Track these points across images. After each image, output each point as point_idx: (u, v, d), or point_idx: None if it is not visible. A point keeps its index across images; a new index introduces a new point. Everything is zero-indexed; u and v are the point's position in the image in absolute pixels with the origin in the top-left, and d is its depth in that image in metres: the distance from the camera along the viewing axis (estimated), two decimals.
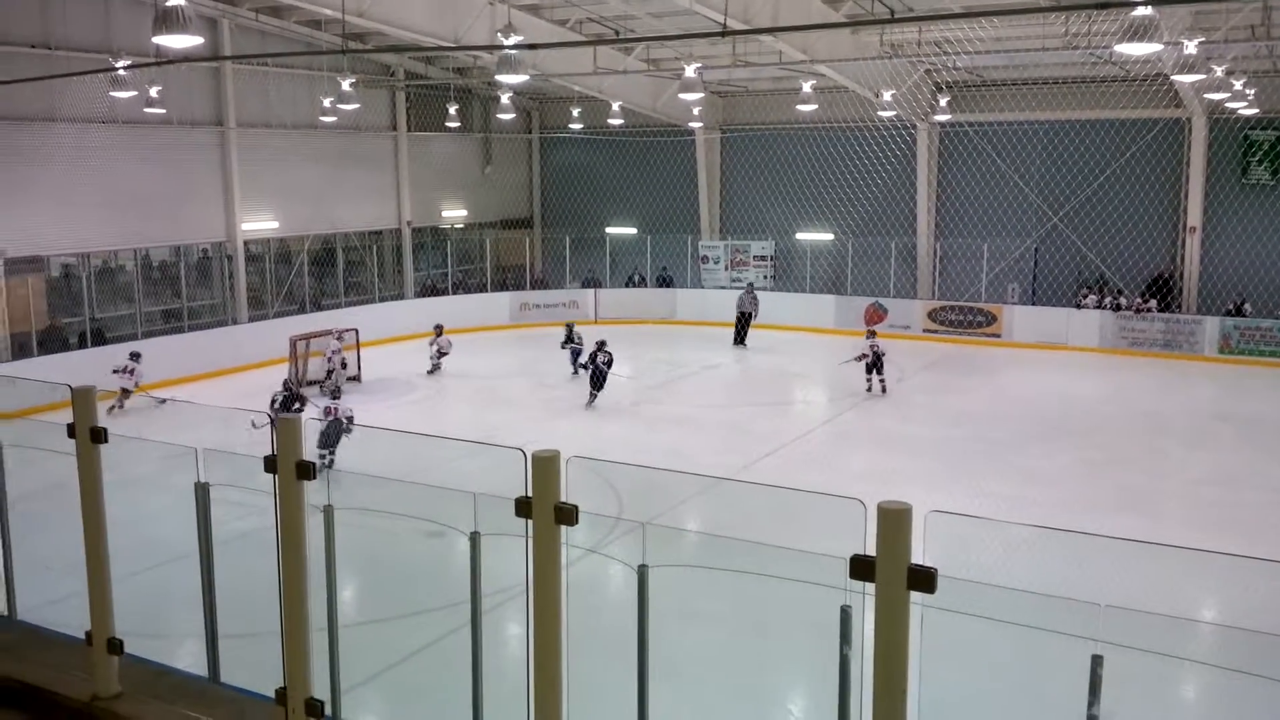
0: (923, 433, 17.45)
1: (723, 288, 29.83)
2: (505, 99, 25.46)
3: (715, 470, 14.39)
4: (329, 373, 20.79)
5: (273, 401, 15.95)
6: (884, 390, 19.86)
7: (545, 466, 3.46)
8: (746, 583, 6.81)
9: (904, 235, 28.16)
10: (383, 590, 9.77)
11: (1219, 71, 19.08)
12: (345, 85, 22.65)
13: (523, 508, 3.56)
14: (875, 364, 19.78)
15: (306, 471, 4.13)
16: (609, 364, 19.19)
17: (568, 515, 3.47)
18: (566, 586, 3.55)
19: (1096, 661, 3.84)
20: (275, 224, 25.43)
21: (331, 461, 13.00)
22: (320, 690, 4.44)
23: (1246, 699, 6.84)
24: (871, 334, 20.72)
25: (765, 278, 29.86)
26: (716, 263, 30.34)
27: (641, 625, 4.32)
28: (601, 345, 19.32)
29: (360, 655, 7.88)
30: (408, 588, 9.84)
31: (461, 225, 31.99)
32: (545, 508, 3.47)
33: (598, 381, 19.06)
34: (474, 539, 4.59)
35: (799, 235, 29.65)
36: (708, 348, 25.30)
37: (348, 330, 21.89)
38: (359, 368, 21.69)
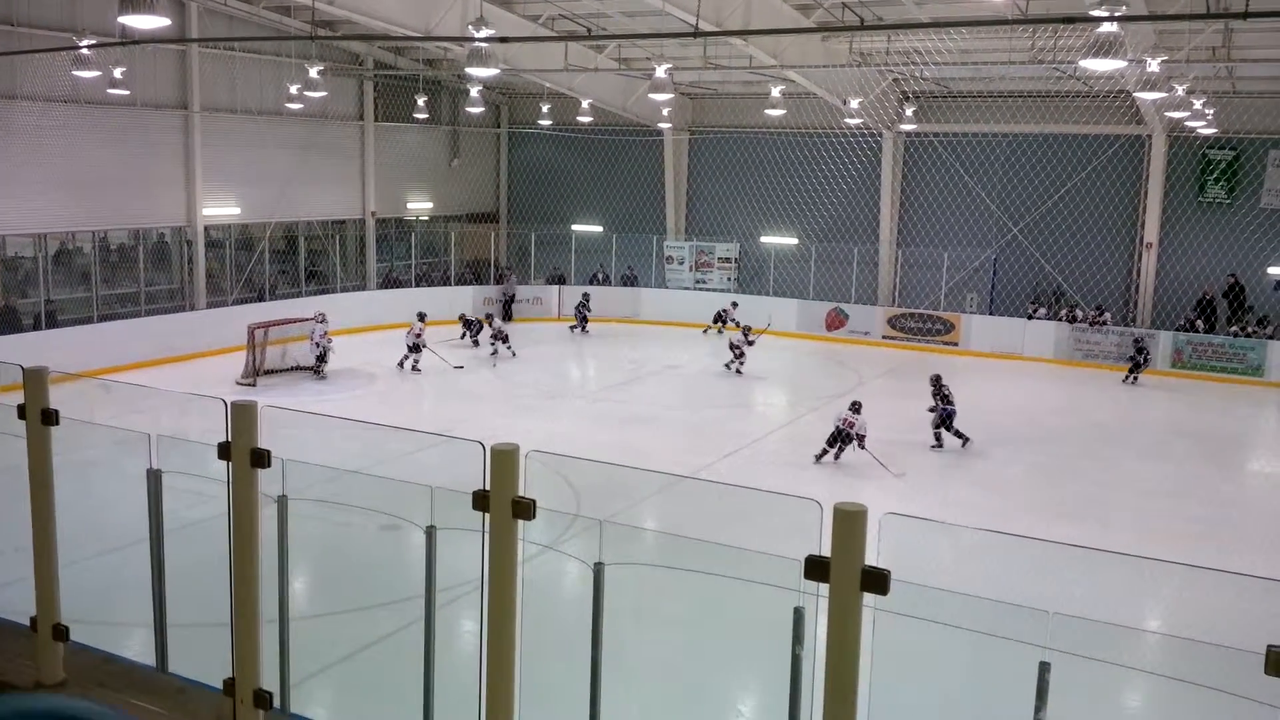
0: (882, 437, 17.57)
1: (687, 288, 29.91)
2: (474, 92, 25.34)
3: (675, 469, 14.42)
4: (318, 356, 20.69)
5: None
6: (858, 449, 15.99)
7: (504, 460, 3.46)
8: (702, 582, 6.83)
9: (866, 242, 28.38)
10: (336, 583, 9.69)
11: (1180, 90, 19.41)
12: (313, 73, 22.43)
13: (480, 501, 3.55)
14: (843, 440, 15.80)
15: (260, 460, 4.09)
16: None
17: (525, 509, 3.47)
18: (522, 582, 3.54)
19: (1044, 668, 3.89)
20: (237, 210, 25.13)
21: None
22: (270, 682, 4.40)
23: (1188, 708, 6.97)
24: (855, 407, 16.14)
25: (729, 279, 29.97)
26: (681, 263, 30.40)
27: (596, 623, 4.32)
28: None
29: (312, 648, 7.81)
30: (362, 581, 9.77)
31: (426, 217, 31.80)
32: (503, 501, 3.46)
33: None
34: (430, 533, 4.57)
35: (764, 239, 29.80)
36: (670, 347, 25.35)
37: (308, 319, 21.66)
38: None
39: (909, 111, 25.37)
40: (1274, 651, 3.12)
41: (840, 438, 15.71)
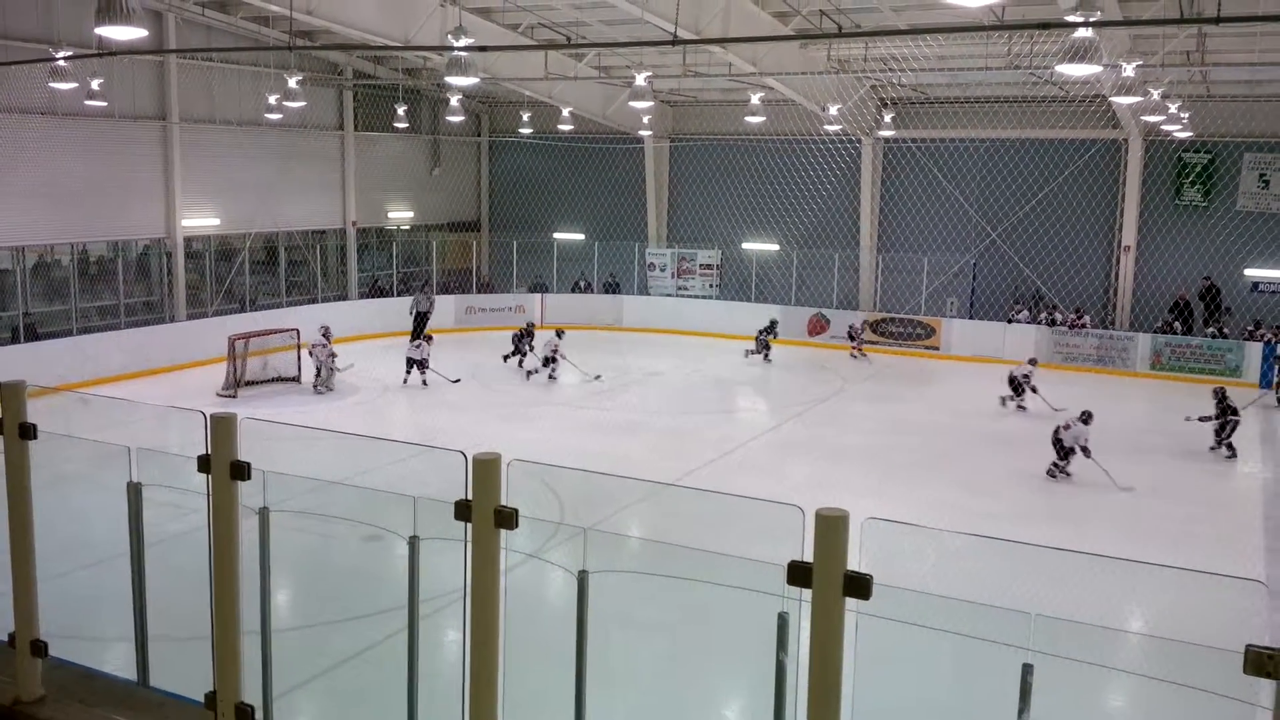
0: (863, 442, 17.67)
1: (669, 295, 29.96)
2: (454, 101, 25.33)
3: (658, 476, 14.41)
4: (318, 370, 20.57)
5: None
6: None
7: (486, 469, 3.45)
8: (686, 589, 6.84)
9: (847, 247, 28.50)
10: (319, 594, 9.64)
11: (1155, 95, 19.58)
12: (292, 83, 22.35)
13: (462, 511, 3.54)
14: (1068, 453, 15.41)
15: (240, 472, 4.07)
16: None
17: (507, 519, 3.46)
18: (505, 591, 3.54)
19: (1027, 670, 3.91)
20: (216, 221, 25.02)
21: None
22: (252, 695, 4.37)
23: (1169, 707, 7.01)
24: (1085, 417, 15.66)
25: (711, 286, 30.03)
26: (663, 270, 30.44)
27: (580, 631, 4.31)
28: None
29: (295, 660, 7.77)
30: (345, 592, 9.73)
31: (408, 226, 31.74)
32: (485, 511, 3.45)
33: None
34: (413, 543, 4.56)
35: (745, 245, 29.88)
36: (653, 354, 25.37)
37: (289, 330, 21.58)
38: (298, 368, 21.37)
39: (887, 118, 25.50)
40: (1252, 651, 3.15)
41: (1063, 450, 15.22)
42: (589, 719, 4.39)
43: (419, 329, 25.15)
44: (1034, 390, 20.05)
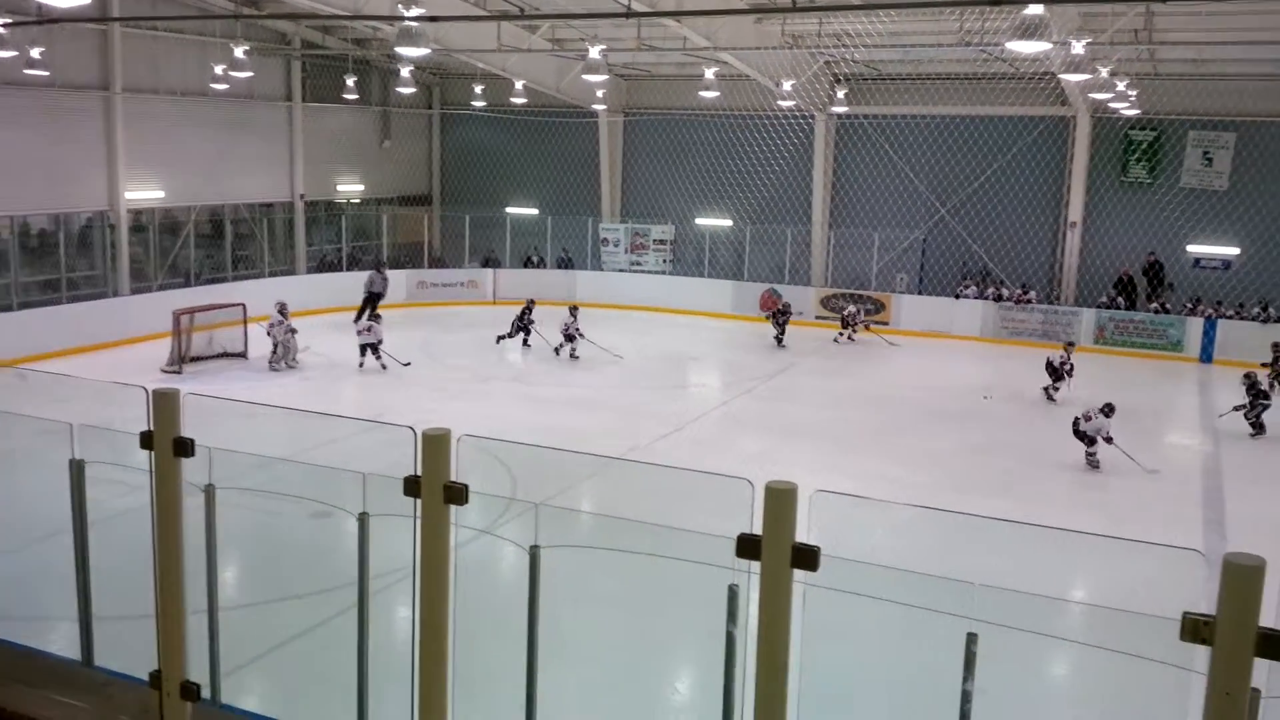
0: (814, 416, 17.84)
1: (622, 270, 29.92)
2: (405, 73, 24.99)
3: (611, 451, 14.46)
4: (275, 348, 20.13)
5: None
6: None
7: (435, 445, 3.43)
8: (638, 563, 6.88)
9: (800, 223, 28.64)
10: (267, 572, 9.56)
11: (1104, 72, 19.84)
12: (238, 52, 21.87)
13: (411, 487, 3.52)
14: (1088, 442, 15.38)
15: (184, 449, 4.02)
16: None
17: (457, 494, 3.45)
18: (455, 568, 3.53)
19: (971, 639, 3.98)
20: (161, 193, 24.51)
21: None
22: (199, 674, 4.33)
23: (1109, 674, 7.20)
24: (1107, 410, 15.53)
25: (665, 261, 30.04)
26: (617, 245, 30.38)
27: (532, 606, 4.32)
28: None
29: (243, 638, 7.70)
30: (294, 569, 9.66)
31: (357, 200, 31.35)
32: (434, 487, 3.44)
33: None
34: (362, 519, 4.53)
35: (698, 220, 29.91)
36: (606, 330, 25.34)
37: (235, 305, 21.24)
38: (245, 343, 21.06)
39: (840, 94, 25.58)
40: (1189, 618, 3.24)
41: (1088, 439, 15.18)
42: (541, 692, 4.41)
43: (368, 309, 24.13)
44: (1070, 374, 19.42)
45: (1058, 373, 19.51)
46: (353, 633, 4.62)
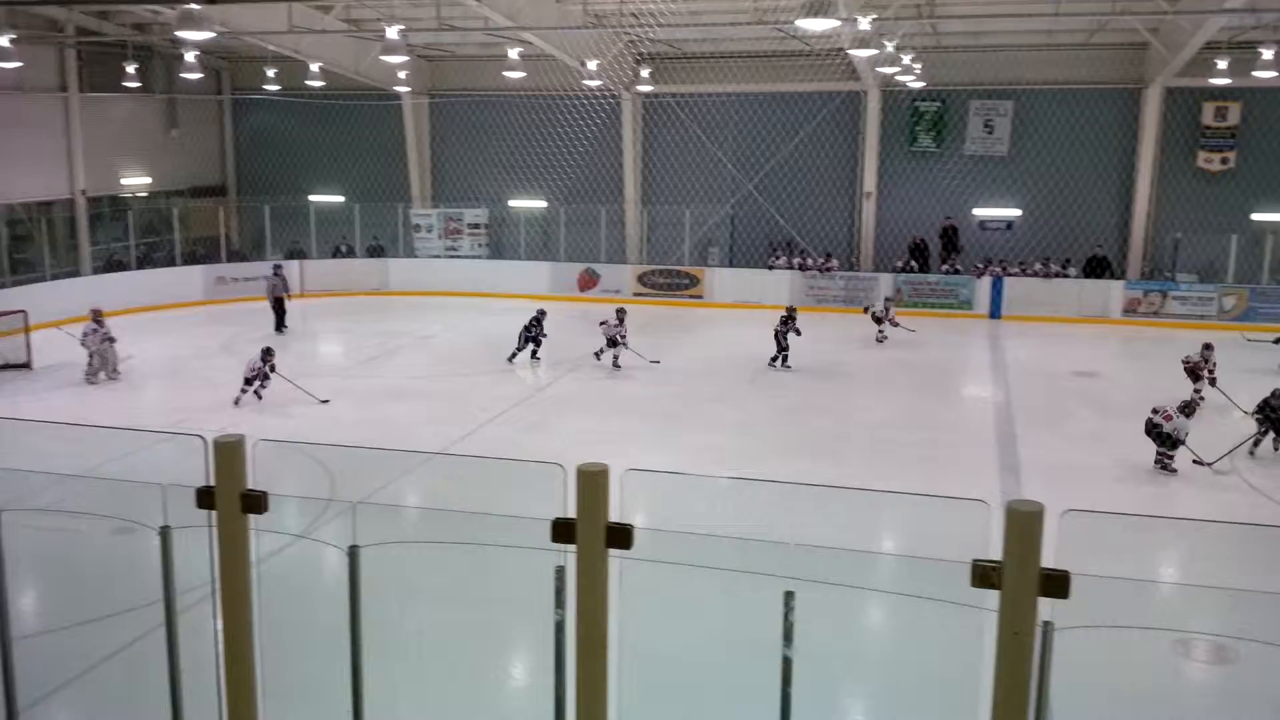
0: (636, 392, 18.11)
1: (437, 256, 29.41)
2: (190, 57, 23.65)
3: (436, 441, 14.26)
4: (90, 359, 18.34)
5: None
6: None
7: (228, 453, 3.32)
8: (464, 554, 6.83)
9: (613, 202, 28.88)
10: (67, 595, 8.98)
11: (890, 47, 20.81)
12: (3, 41, 20.19)
13: (204, 498, 3.39)
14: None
15: None
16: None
17: (256, 503, 3.34)
18: (259, 578, 3.43)
19: (789, 597, 4.15)
20: None
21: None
22: None
23: (921, 620, 7.65)
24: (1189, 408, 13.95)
25: (480, 246, 29.71)
26: (430, 231, 29.82)
27: (354, 607, 4.24)
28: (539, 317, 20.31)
29: (44, 667, 7.23)
30: (97, 590, 9.09)
31: (145, 194, 29.55)
32: (230, 496, 3.32)
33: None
34: (164, 533, 4.33)
35: (512, 203, 29.71)
36: (422, 318, 24.91)
37: (16, 312, 19.71)
38: (29, 353, 19.56)
39: (645, 73, 25.88)
40: (978, 565, 3.49)
41: (1171, 442, 13.48)
42: (368, 694, 4.34)
43: (281, 318, 23.22)
44: (1212, 377, 16.78)
45: (1199, 374, 16.86)
46: (164, 651, 4.42)
